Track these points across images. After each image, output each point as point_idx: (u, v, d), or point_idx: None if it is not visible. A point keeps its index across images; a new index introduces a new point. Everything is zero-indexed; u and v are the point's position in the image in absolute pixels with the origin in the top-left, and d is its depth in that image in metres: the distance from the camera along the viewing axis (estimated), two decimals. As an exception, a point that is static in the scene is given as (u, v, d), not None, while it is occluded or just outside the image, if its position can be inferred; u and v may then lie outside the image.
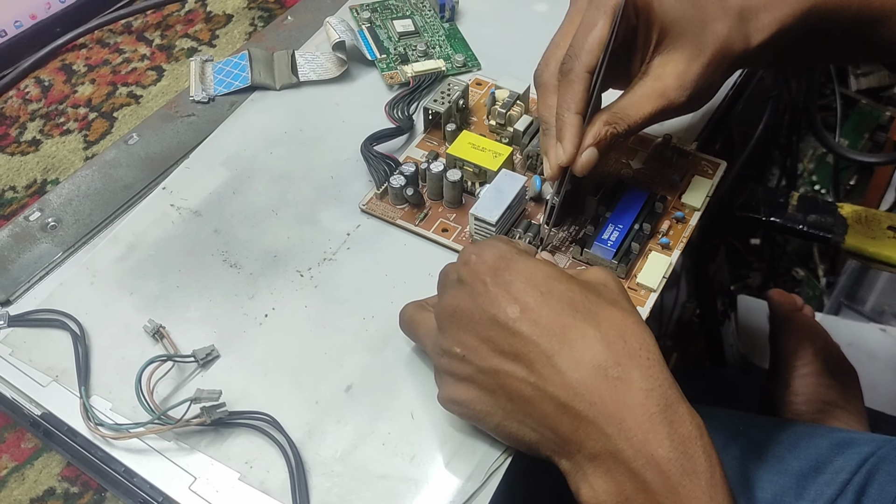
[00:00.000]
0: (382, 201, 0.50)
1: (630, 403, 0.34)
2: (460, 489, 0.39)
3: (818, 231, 0.72)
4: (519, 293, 0.36)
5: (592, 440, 0.34)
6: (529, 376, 0.36)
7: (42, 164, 0.57)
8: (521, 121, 0.51)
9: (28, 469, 0.42)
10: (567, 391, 0.35)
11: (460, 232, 0.49)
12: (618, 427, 0.34)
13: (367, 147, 0.51)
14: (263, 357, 0.44)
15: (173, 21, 0.69)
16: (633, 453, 0.33)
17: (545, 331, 0.35)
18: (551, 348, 0.35)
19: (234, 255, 0.49)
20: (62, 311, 0.45)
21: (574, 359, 0.35)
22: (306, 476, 0.39)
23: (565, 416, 0.35)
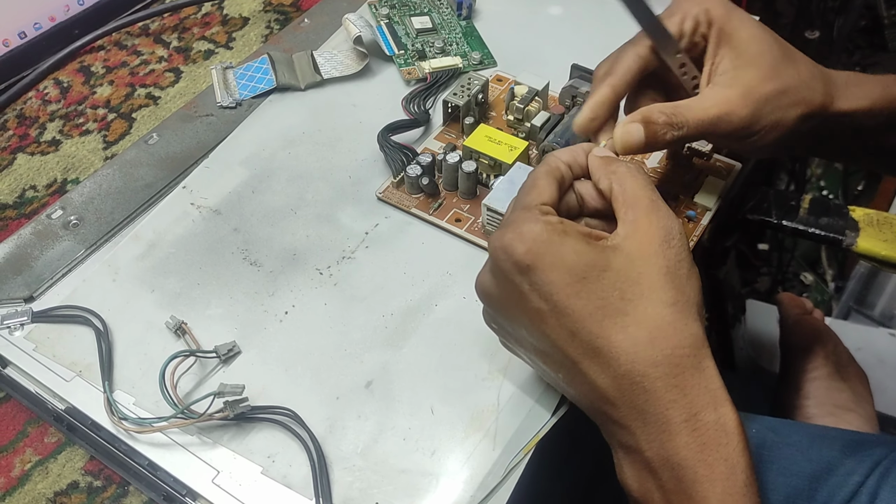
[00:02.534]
0: (398, 190, 0.51)
1: (653, 412, 0.34)
2: (481, 484, 0.39)
3: (830, 234, 0.72)
4: (545, 296, 0.35)
5: (621, 434, 0.36)
6: (559, 372, 0.37)
7: (62, 163, 0.58)
8: (539, 117, 0.52)
9: (51, 463, 0.42)
10: (594, 394, 0.36)
11: (473, 222, 0.49)
12: (642, 429, 0.34)
13: (384, 137, 0.52)
14: (284, 353, 0.45)
15: (190, 24, 0.70)
16: (652, 454, 0.34)
17: (571, 339, 0.35)
18: (579, 357, 0.35)
19: (254, 253, 0.49)
20: (85, 308, 0.46)
21: (600, 367, 0.35)
22: (328, 470, 0.40)
23: (595, 411, 0.37)
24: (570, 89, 0.53)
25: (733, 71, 0.43)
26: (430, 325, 0.46)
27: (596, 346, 0.35)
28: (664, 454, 0.34)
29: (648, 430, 0.34)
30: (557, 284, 0.35)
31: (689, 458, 0.33)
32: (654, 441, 0.34)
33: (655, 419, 0.34)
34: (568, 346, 0.35)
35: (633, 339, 0.34)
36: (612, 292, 0.35)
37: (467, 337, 0.45)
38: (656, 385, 0.34)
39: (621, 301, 0.35)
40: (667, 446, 0.34)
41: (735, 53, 0.43)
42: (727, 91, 0.42)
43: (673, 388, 0.34)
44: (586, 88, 0.52)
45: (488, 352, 0.44)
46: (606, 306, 0.35)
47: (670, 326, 0.34)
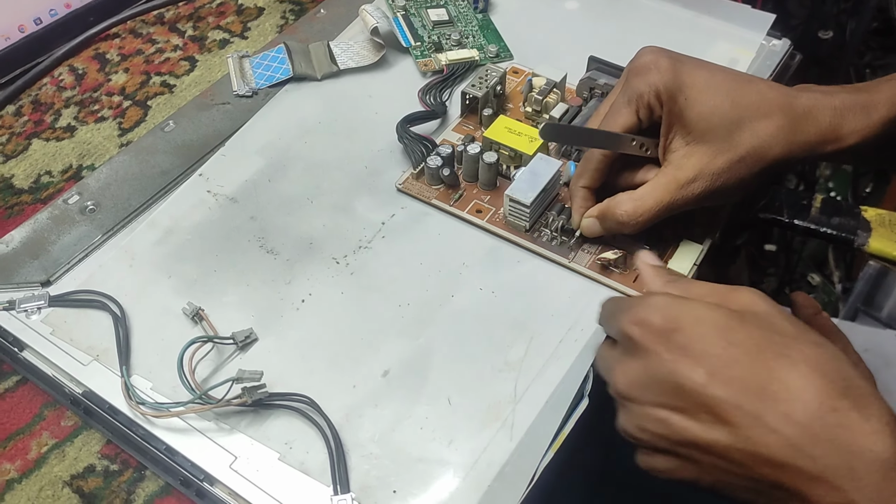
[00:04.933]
0: (418, 181, 0.51)
1: (857, 449, 0.30)
2: (498, 474, 0.39)
3: (842, 233, 0.72)
4: (700, 353, 0.33)
5: (820, 495, 0.31)
6: (737, 442, 0.32)
7: (77, 149, 0.58)
8: (557, 108, 0.52)
9: (68, 446, 0.42)
10: (785, 450, 0.31)
11: (494, 213, 0.49)
12: (848, 478, 0.30)
13: (403, 128, 0.52)
14: (301, 341, 0.45)
15: (205, 13, 0.70)
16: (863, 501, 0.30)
17: (743, 389, 0.32)
18: (756, 407, 0.31)
19: (271, 241, 0.49)
20: (102, 293, 0.46)
21: (784, 413, 0.31)
22: (345, 458, 0.40)
23: (786, 474, 0.31)
24: (587, 81, 0.53)
25: (685, 148, 0.43)
26: (446, 316, 0.46)
27: (773, 391, 0.31)
28: (884, 498, 0.30)
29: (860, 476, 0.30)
30: (709, 337, 0.33)
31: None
32: (869, 485, 0.30)
33: (864, 459, 0.30)
34: (743, 399, 0.32)
35: (808, 377, 0.31)
36: (762, 334, 0.33)
37: (484, 328, 0.45)
38: (851, 417, 0.30)
39: (774, 344, 0.33)
40: (884, 486, 0.30)
41: (685, 130, 0.43)
42: (678, 173, 0.43)
43: (871, 417, 0.31)
44: (605, 80, 0.52)
45: (504, 344, 0.44)
46: (765, 348, 0.32)
47: (833, 361, 0.32)
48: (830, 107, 0.43)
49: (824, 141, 0.43)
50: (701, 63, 0.44)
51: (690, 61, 0.44)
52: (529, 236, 0.48)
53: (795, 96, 0.43)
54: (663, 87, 0.43)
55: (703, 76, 0.43)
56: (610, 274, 0.46)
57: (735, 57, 0.59)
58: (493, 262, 0.48)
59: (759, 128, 0.42)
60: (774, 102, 0.43)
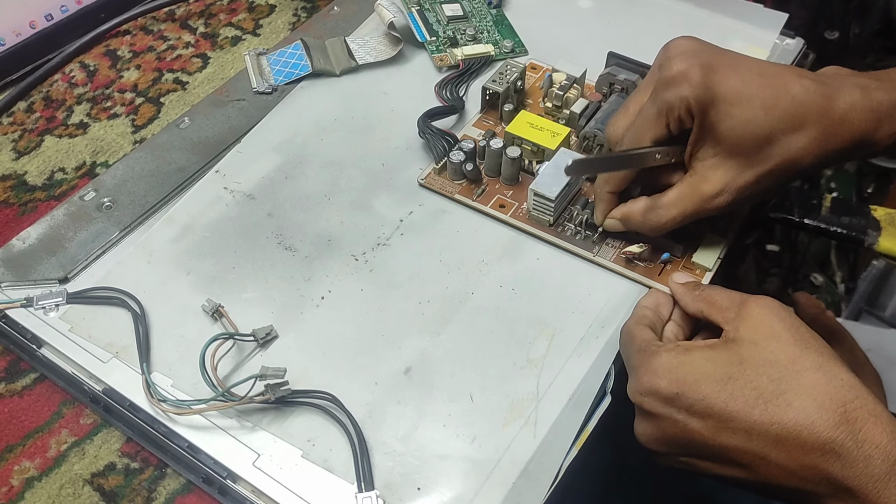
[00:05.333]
0: (440, 176, 0.51)
1: (852, 475, 0.33)
2: (522, 471, 0.39)
3: (852, 233, 0.72)
4: (704, 411, 0.36)
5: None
6: (749, 475, 0.36)
7: (91, 146, 0.57)
8: (578, 103, 0.52)
9: (88, 444, 0.42)
10: (791, 479, 0.35)
11: (517, 208, 0.49)
12: (851, 496, 0.33)
13: (424, 123, 0.52)
14: (321, 338, 0.44)
15: (216, 10, 0.69)
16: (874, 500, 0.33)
17: (746, 436, 0.35)
18: (761, 450, 0.35)
19: (289, 238, 0.49)
20: (121, 290, 0.46)
21: (786, 453, 0.34)
22: (369, 455, 0.40)
23: (796, 495, 0.35)
24: (607, 76, 0.53)
25: (712, 159, 0.43)
26: (466, 313, 0.45)
27: (774, 434, 0.34)
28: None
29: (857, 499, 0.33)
30: (710, 396, 0.36)
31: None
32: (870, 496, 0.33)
33: (859, 482, 0.33)
34: (749, 446, 0.35)
35: (804, 412, 0.34)
36: (759, 379, 0.35)
37: (504, 325, 0.45)
38: (846, 446, 0.33)
39: (772, 383, 0.35)
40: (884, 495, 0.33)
41: (714, 142, 0.42)
42: (704, 185, 0.43)
43: (864, 442, 0.33)
44: (624, 75, 0.52)
45: (526, 340, 0.44)
46: (762, 393, 0.35)
47: (830, 387, 0.34)
48: (868, 109, 0.41)
49: (857, 146, 0.42)
50: (735, 65, 0.42)
51: (724, 66, 0.42)
52: (553, 231, 0.48)
53: (833, 98, 0.41)
54: (695, 100, 0.41)
55: (737, 85, 0.41)
56: (634, 268, 0.46)
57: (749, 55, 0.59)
58: (512, 259, 0.48)
59: (791, 141, 0.41)
60: (810, 111, 0.41)
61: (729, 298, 0.40)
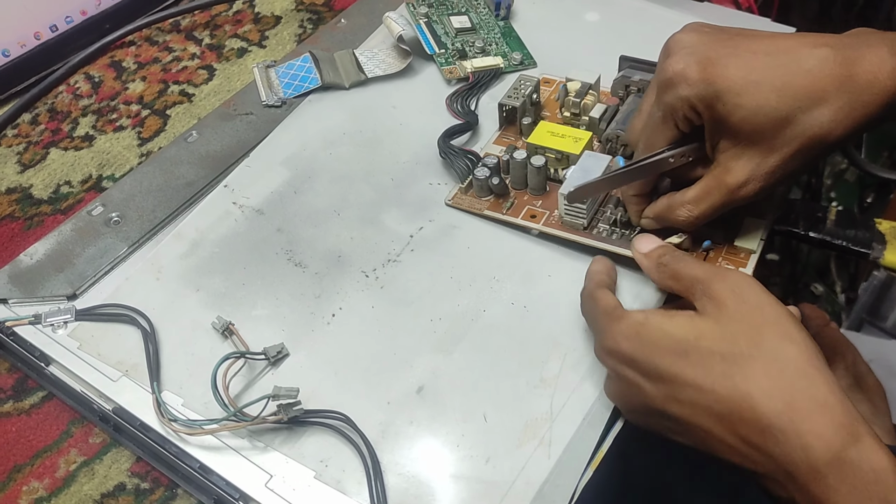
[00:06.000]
0: (467, 195, 0.51)
1: (793, 460, 0.33)
2: (538, 493, 0.39)
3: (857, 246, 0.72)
4: (657, 377, 0.37)
5: (772, 489, 0.35)
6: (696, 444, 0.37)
7: (97, 159, 0.57)
8: (596, 108, 0.52)
9: (97, 464, 0.42)
10: (736, 456, 0.35)
11: (548, 217, 0.49)
12: (789, 480, 0.34)
13: (445, 143, 0.52)
14: (333, 356, 0.44)
15: (221, 21, 0.69)
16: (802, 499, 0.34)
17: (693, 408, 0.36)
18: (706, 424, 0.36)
19: (299, 254, 0.49)
20: (131, 307, 0.45)
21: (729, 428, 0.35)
22: (382, 475, 0.39)
23: (740, 467, 0.36)
24: (622, 79, 0.53)
25: (733, 150, 0.41)
26: (479, 331, 0.45)
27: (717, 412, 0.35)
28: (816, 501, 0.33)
29: (794, 479, 0.33)
30: (662, 366, 0.37)
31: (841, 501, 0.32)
32: (802, 490, 0.33)
33: (798, 469, 0.33)
34: (694, 419, 0.36)
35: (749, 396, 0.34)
36: (712, 359, 0.36)
37: (517, 343, 0.45)
38: (787, 433, 0.33)
39: (723, 364, 0.35)
40: (816, 493, 0.33)
41: (730, 134, 0.41)
42: (728, 177, 0.42)
43: (806, 433, 0.33)
44: (639, 76, 0.52)
45: (539, 359, 0.44)
46: (712, 373, 0.35)
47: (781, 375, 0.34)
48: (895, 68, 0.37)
49: (892, 107, 0.38)
50: (737, 51, 0.40)
51: (724, 55, 0.39)
52: (588, 233, 0.48)
53: (855, 62, 0.38)
54: (697, 99, 0.40)
55: (741, 73, 0.39)
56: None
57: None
58: (523, 276, 0.48)
59: (814, 117, 0.38)
60: (829, 81, 0.38)
61: (694, 274, 0.39)
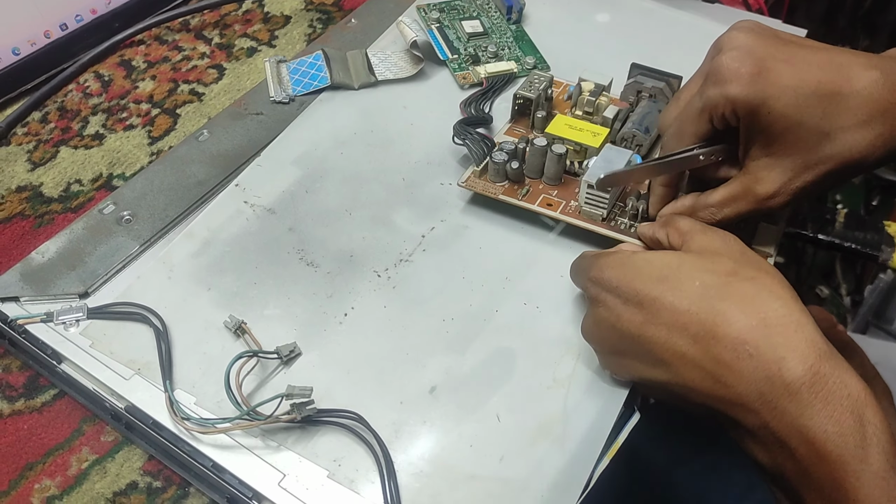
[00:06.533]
0: (481, 179, 0.50)
1: (765, 376, 0.33)
2: (552, 491, 0.39)
3: (866, 249, 0.72)
4: (638, 303, 0.37)
5: (742, 417, 0.35)
6: (672, 378, 0.37)
7: (107, 158, 0.57)
8: (609, 109, 0.52)
9: (109, 462, 0.42)
10: (706, 382, 0.35)
11: (565, 206, 0.49)
12: (760, 401, 0.33)
13: (462, 127, 0.51)
14: (345, 356, 0.44)
15: (231, 20, 0.69)
16: (777, 424, 0.33)
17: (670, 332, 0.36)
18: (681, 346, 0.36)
19: (311, 253, 0.49)
20: (143, 305, 0.45)
21: (704, 350, 0.35)
22: (396, 476, 0.39)
23: (714, 402, 0.35)
24: (634, 85, 0.53)
25: (765, 159, 0.41)
26: (491, 332, 0.45)
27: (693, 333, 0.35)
28: (789, 422, 0.32)
29: (767, 400, 0.33)
30: (642, 291, 0.38)
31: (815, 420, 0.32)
32: (776, 410, 0.33)
33: (770, 384, 0.33)
34: (670, 342, 0.36)
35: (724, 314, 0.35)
36: (691, 283, 0.37)
37: (529, 343, 0.45)
38: (760, 347, 0.33)
39: (701, 288, 0.36)
40: (789, 411, 0.32)
41: (767, 143, 0.40)
42: (757, 187, 0.42)
43: (778, 346, 0.33)
44: (652, 83, 0.52)
45: (551, 359, 0.44)
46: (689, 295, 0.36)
47: (756, 296, 0.35)
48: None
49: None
50: (792, 59, 0.39)
51: (779, 63, 0.39)
52: (606, 225, 0.47)
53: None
54: (742, 101, 0.39)
55: (792, 83, 0.39)
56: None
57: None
58: (534, 277, 0.48)
59: (855, 139, 0.39)
60: (875, 106, 0.38)
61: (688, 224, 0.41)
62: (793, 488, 0.34)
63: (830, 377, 0.32)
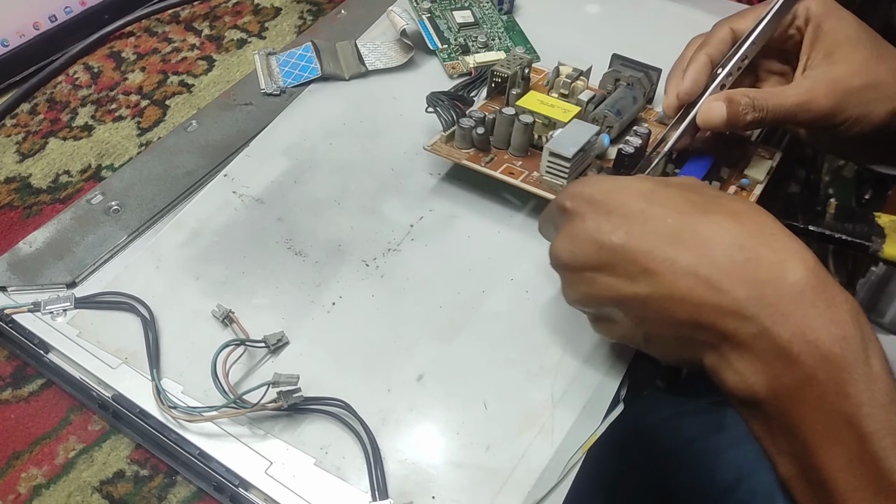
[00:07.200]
0: (447, 144, 0.50)
1: (765, 279, 0.32)
2: (538, 480, 0.39)
3: (857, 239, 0.72)
4: (622, 215, 0.36)
5: (735, 327, 0.33)
6: (656, 289, 0.34)
7: (96, 149, 0.57)
8: (585, 93, 0.52)
9: (96, 451, 0.42)
10: (700, 288, 0.33)
11: (527, 175, 0.49)
12: (758, 306, 0.32)
13: (435, 95, 0.51)
14: (333, 344, 0.44)
15: (221, 12, 0.69)
16: (778, 328, 0.32)
17: (658, 240, 0.35)
18: (670, 254, 0.34)
19: (299, 243, 0.49)
20: (131, 295, 0.45)
21: (696, 255, 0.34)
22: (382, 463, 0.39)
23: (703, 313, 0.33)
24: (612, 73, 0.53)
25: (824, 66, 0.45)
26: (479, 320, 0.45)
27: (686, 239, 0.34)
28: (792, 322, 0.31)
29: (768, 303, 0.32)
30: (632, 201, 0.36)
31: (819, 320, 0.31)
32: (777, 311, 0.32)
33: (772, 287, 0.32)
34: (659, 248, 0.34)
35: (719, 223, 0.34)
36: (681, 196, 0.36)
37: (517, 332, 0.45)
38: (759, 252, 0.33)
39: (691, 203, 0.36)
40: (792, 310, 0.31)
41: (827, 50, 0.45)
42: (812, 83, 0.45)
43: (778, 250, 0.33)
44: (630, 73, 0.52)
45: (540, 347, 0.44)
46: (680, 207, 0.36)
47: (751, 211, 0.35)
48: None
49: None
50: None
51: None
52: None
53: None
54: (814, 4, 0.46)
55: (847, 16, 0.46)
56: None
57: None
58: (523, 267, 0.48)
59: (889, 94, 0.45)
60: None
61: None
62: (784, 407, 0.33)
63: (828, 281, 0.32)
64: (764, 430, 0.34)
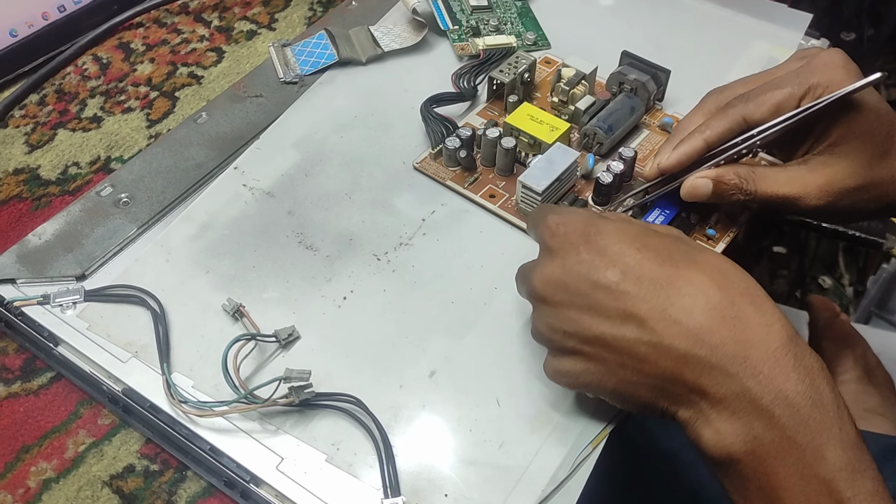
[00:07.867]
0: (436, 162, 0.51)
1: (752, 340, 0.33)
2: (551, 478, 0.39)
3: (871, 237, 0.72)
4: (616, 254, 0.35)
5: (717, 384, 0.33)
6: (643, 335, 0.34)
7: (105, 140, 0.57)
8: (584, 100, 0.52)
9: (106, 445, 0.41)
10: (687, 340, 0.33)
11: (507, 199, 0.49)
12: (743, 365, 0.33)
13: (426, 108, 0.52)
14: (344, 339, 0.44)
15: (230, 3, 0.68)
16: (760, 390, 0.32)
17: (652, 285, 0.34)
18: (663, 301, 0.34)
19: (310, 237, 0.48)
20: (141, 288, 0.45)
21: (688, 306, 0.34)
22: (394, 459, 0.39)
23: (686, 365, 0.34)
24: (618, 75, 0.53)
25: (825, 156, 0.43)
26: (491, 316, 0.45)
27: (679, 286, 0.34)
28: (775, 385, 0.32)
29: (752, 364, 0.32)
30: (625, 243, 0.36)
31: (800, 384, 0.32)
32: (762, 373, 0.32)
33: (758, 349, 0.33)
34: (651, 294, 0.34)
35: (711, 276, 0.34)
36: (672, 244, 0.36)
37: (529, 329, 0.44)
38: (747, 311, 0.33)
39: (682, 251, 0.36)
40: (776, 373, 0.32)
41: (834, 140, 0.43)
42: (808, 176, 0.43)
43: (765, 313, 0.33)
44: (635, 76, 0.52)
45: (552, 344, 0.43)
46: (674, 253, 0.36)
47: (733, 267, 0.36)
48: None
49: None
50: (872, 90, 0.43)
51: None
52: None
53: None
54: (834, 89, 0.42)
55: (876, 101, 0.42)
56: None
57: (774, 56, 0.59)
58: (537, 262, 0.47)
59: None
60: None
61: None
62: (762, 470, 0.33)
63: (805, 348, 0.33)
64: (740, 491, 0.34)
